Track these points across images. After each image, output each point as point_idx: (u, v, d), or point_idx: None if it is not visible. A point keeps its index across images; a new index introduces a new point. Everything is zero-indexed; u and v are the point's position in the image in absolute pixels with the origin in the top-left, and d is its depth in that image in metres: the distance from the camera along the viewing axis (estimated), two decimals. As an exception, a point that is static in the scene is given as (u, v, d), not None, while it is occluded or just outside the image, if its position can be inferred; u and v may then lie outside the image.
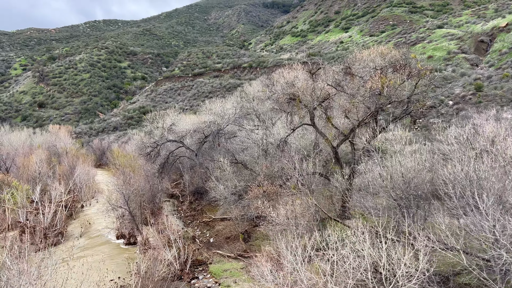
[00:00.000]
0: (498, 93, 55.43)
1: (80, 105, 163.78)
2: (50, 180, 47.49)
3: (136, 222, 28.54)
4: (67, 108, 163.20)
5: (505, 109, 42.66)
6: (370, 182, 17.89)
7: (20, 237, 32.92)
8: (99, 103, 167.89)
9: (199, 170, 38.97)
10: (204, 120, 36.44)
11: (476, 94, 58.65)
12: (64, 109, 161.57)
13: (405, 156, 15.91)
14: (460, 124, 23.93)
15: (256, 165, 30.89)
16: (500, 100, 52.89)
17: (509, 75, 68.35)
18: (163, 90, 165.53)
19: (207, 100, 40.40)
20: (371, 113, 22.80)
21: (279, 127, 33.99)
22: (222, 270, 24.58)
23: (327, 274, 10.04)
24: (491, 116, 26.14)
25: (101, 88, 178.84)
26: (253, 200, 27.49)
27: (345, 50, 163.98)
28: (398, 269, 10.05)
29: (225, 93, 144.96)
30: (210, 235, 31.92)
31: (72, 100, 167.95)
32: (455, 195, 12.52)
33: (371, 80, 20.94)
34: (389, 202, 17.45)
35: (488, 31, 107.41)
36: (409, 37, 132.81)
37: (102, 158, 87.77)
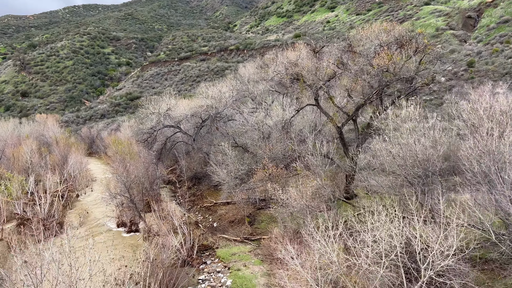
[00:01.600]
0: (490, 68, 55.70)
1: (65, 93, 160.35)
2: (42, 171, 46.48)
3: (138, 210, 28.08)
4: (52, 96, 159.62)
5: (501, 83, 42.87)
6: (381, 160, 17.70)
7: (18, 229, 32.24)
8: (85, 91, 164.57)
9: (198, 155, 38.47)
10: (200, 104, 35.74)
11: (468, 70, 58.87)
12: (48, 98, 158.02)
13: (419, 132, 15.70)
14: (455, 101, 23.83)
15: (257, 148, 30.52)
16: (493, 75, 53.19)
17: (498, 50, 68.71)
18: (149, 75, 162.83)
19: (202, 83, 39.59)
20: (377, 91, 22.51)
21: (278, 108, 33.55)
22: (230, 254, 24.42)
23: (362, 254, 9.84)
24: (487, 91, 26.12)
25: (85, 75, 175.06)
26: (258, 183, 27.26)
27: (332, 30, 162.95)
28: (431, 248, 9.90)
29: (213, 76, 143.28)
30: (213, 219, 31.67)
31: (56, 88, 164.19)
32: (480, 170, 12.40)
33: (378, 57, 20.56)
34: (400, 180, 17.31)
35: (475, 7, 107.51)
36: (396, 14, 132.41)
37: (92, 146, 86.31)
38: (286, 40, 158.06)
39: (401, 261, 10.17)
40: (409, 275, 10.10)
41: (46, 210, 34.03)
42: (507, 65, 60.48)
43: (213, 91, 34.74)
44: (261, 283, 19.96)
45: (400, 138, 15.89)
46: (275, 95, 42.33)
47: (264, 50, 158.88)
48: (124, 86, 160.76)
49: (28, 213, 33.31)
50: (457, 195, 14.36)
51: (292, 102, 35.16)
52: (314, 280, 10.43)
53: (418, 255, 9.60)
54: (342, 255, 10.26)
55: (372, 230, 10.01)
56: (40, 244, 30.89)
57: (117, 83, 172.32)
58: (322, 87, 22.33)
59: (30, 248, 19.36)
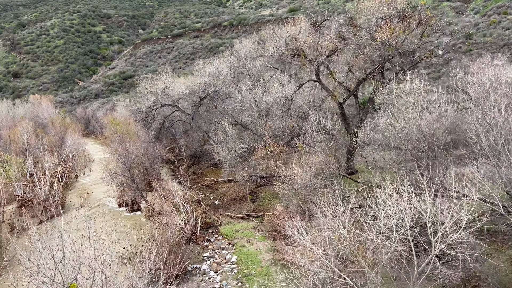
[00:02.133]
0: (488, 40, 55.25)
1: (57, 73, 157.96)
2: (40, 152, 46.20)
3: (139, 189, 28.10)
4: (44, 77, 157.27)
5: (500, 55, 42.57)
6: (385, 135, 17.66)
7: (19, 211, 32.24)
8: (77, 70, 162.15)
9: (196, 134, 38.29)
10: (198, 82, 35.31)
11: (466, 42, 58.39)
12: (40, 78, 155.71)
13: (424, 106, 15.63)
14: (459, 73, 23.63)
15: (257, 125, 30.37)
16: (491, 47, 52.80)
17: (496, 21, 68.02)
18: (142, 53, 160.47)
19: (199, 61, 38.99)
20: (379, 65, 22.27)
21: (277, 85, 33.22)
22: (233, 231, 24.62)
23: (374, 229, 9.88)
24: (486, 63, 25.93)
25: (77, 55, 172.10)
26: (259, 160, 27.25)
27: (327, 3, 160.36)
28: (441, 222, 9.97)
29: (207, 53, 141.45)
30: (214, 197, 31.81)
31: (48, 68, 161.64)
32: (488, 143, 12.39)
33: (380, 30, 20.23)
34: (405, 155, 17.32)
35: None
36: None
37: (87, 126, 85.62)
38: (281, 15, 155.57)
39: (411, 235, 10.24)
40: (420, 249, 10.21)
41: (47, 191, 33.99)
42: (505, 36, 59.97)
43: (210, 68, 34.25)
44: (266, 258, 20.20)
45: (406, 112, 15.81)
46: (272, 71, 41.92)
47: (259, 26, 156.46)
48: (117, 65, 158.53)
49: (28, 195, 33.27)
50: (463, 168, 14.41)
51: (291, 78, 34.84)
52: (325, 256, 10.51)
53: (429, 228, 9.67)
54: (354, 231, 10.32)
55: (384, 204, 10.02)
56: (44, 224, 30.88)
57: (110, 62, 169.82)
58: (323, 62, 22.04)
59: (46, 230, 19.39)
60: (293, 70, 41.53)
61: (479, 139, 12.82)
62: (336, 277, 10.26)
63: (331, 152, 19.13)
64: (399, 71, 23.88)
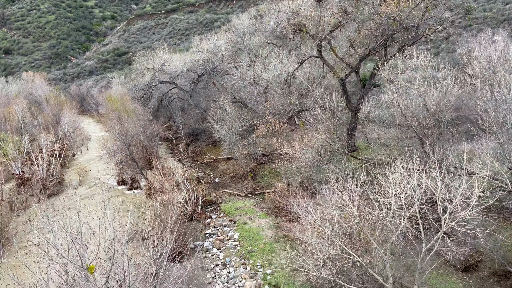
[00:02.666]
0: (488, 15, 54.52)
1: (49, 50, 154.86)
2: (35, 130, 45.71)
3: (139, 167, 27.95)
4: (36, 53, 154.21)
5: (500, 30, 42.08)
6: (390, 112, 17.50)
7: (17, 190, 32.08)
8: (70, 47, 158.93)
9: (195, 111, 37.91)
10: (196, 58, 34.66)
11: (466, 17, 57.60)
12: (32, 55, 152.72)
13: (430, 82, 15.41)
14: (452, 49, 23.21)
15: (256, 103, 30.05)
16: (491, 22, 52.16)
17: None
18: (136, 29, 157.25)
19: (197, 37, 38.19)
20: (382, 41, 21.88)
21: (276, 61, 32.70)
22: (235, 208, 24.67)
23: (384, 207, 9.83)
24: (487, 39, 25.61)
25: (69, 31, 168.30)
26: (260, 138, 27.09)
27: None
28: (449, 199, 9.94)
29: (202, 29, 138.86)
30: (214, 175, 31.76)
31: (40, 44, 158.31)
32: (496, 120, 12.26)
33: (385, 4, 19.76)
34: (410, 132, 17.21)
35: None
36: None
37: (82, 104, 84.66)
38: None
39: (421, 212, 10.23)
40: (430, 226, 10.22)
41: (45, 169, 33.77)
42: (505, 11, 59.20)
43: (208, 44, 33.57)
44: (268, 235, 20.29)
45: (412, 88, 15.59)
46: (270, 47, 41.23)
47: (255, 0, 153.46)
48: (110, 41, 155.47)
49: (26, 173, 33.06)
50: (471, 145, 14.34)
51: (290, 55, 34.27)
52: (333, 234, 10.48)
53: (439, 206, 9.64)
54: (365, 208, 10.27)
55: (394, 182, 9.94)
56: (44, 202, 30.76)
57: (103, 38, 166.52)
58: (326, 38, 21.60)
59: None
60: (292, 46, 40.87)
61: (488, 116, 12.70)
62: (346, 255, 10.27)
63: (335, 129, 18.98)
64: (401, 47, 23.55)
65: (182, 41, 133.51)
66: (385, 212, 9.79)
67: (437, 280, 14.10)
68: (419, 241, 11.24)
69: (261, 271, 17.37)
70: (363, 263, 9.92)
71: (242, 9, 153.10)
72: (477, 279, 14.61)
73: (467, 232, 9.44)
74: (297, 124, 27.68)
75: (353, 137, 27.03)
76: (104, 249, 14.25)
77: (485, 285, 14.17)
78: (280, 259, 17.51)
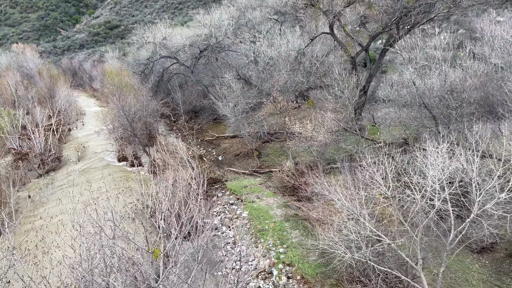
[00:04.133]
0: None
1: (37, 21, 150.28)
2: (30, 104, 44.58)
3: (142, 144, 27.43)
4: (24, 25, 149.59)
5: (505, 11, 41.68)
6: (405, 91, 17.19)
7: (15, 164, 31.39)
8: (59, 19, 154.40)
9: (196, 88, 37.16)
10: (198, 33, 33.71)
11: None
12: (20, 26, 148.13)
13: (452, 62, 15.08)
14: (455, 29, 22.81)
15: (261, 80, 29.45)
16: (493, 2, 51.59)
17: (498, -23, 66.06)
18: (127, 2, 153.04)
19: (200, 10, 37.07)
20: (397, 18, 21.36)
21: (278, 38, 31.93)
22: (241, 186, 24.42)
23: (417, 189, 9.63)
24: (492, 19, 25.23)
25: (58, 2, 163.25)
26: (265, 116, 26.68)
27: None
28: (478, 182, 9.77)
29: (196, 3, 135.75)
30: (217, 153, 31.37)
31: (28, 15, 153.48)
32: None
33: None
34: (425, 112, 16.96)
35: None
36: None
37: (74, 78, 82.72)
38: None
39: (451, 194, 10.05)
40: (462, 209, 10.10)
41: (42, 144, 33.04)
42: (506, -7, 58.56)
43: (211, 18, 32.59)
44: (278, 214, 20.16)
45: (434, 68, 15.25)
46: (272, 23, 40.30)
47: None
48: (101, 13, 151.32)
49: (24, 148, 32.33)
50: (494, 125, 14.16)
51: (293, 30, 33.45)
52: (362, 216, 10.29)
53: (474, 188, 9.47)
54: (399, 189, 10.08)
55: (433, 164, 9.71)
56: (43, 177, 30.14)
57: (94, 11, 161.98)
58: (340, 13, 21.00)
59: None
60: (293, 22, 39.99)
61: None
62: (376, 237, 10.10)
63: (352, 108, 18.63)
64: (414, 25, 23.06)
65: (176, 15, 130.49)
66: (421, 195, 9.59)
67: (453, 261, 14.13)
68: (445, 223, 11.11)
69: (274, 250, 17.29)
70: (395, 246, 9.77)
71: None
72: (493, 260, 14.68)
73: (503, 215, 9.32)
74: (305, 102, 27.28)
75: (359, 117, 26.76)
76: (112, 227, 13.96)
77: (501, 266, 14.25)
78: (293, 238, 17.44)
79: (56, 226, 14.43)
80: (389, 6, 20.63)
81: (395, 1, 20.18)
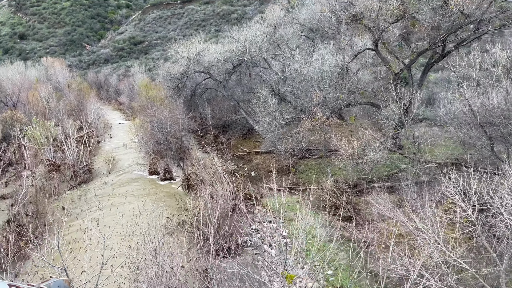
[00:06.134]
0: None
1: (64, 36, 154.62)
2: (60, 116, 45.16)
3: (177, 157, 27.23)
4: (51, 39, 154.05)
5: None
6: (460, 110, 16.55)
7: (49, 175, 31.47)
8: (84, 34, 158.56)
9: (227, 103, 37.06)
10: (231, 48, 33.76)
11: (500, 17, 55.84)
12: (47, 41, 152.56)
13: None
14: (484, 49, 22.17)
15: (296, 96, 29.14)
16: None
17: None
18: (151, 18, 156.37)
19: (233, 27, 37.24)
20: (446, 35, 20.85)
21: (315, 55, 31.68)
22: (278, 204, 23.79)
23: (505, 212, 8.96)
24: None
25: (84, 18, 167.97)
26: (304, 132, 26.25)
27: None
28: None
29: (219, 20, 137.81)
30: (249, 169, 30.94)
31: (55, 31, 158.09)
32: None
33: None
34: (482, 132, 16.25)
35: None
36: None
37: (99, 92, 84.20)
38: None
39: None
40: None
41: (75, 156, 33.21)
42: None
43: (247, 33, 32.60)
44: (321, 233, 19.46)
45: (492, 85, 14.65)
46: (301, 40, 40.23)
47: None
48: (125, 30, 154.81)
49: (57, 159, 32.51)
50: None
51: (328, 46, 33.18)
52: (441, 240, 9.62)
53: None
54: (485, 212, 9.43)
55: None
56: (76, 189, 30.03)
57: (118, 27, 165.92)
58: (387, 29, 20.62)
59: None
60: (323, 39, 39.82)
61: None
62: (456, 264, 9.40)
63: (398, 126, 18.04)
64: (460, 43, 22.52)
65: (198, 32, 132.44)
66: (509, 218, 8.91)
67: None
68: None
69: (321, 272, 16.57)
70: (478, 277, 9.06)
71: (259, 2, 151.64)
72: None
73: None
74: (346, 119, 26.78)
75: (399, 135, 26.08)
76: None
77: None
78: (341, 259, 16.73)
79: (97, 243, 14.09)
80: (439, 22, 20.17)
81: (446, 18, 19.70)
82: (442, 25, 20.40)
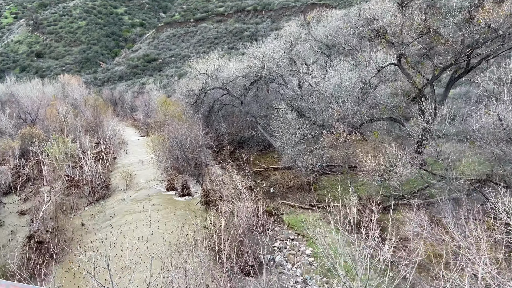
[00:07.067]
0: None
1: (79, 54, 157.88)
2: (78, 132, 45.55)
3: (196, 173, 27.04)
4: (67, 57, 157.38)
5: None
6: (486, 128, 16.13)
7: (67, 191, 31.49)
8: (99, 52, 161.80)
9: (244, 119, 37.00)
10: (250, 65, 33.85)
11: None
12: (63, 59, 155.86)
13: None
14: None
15: (315, 112, 28.93)
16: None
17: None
18: (165, 36, 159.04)
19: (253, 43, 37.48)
20: (470, 51, 20.55)
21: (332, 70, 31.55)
22: (299, 221, 23.39)
23: None
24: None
25: (99, 36, 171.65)
26: (325, 148, 25.91)
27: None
28: None
29: (232, 38, 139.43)
30: (267, 185, 30.60)
31: (71, 49, 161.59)
32: None
33: (483, 10, 18.49)
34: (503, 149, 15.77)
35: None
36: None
37: (114, 108, 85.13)
38: (307, 0, 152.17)
39: None
40: None
41: (93, 172, 33.26)
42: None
43: (265, 49, 32.70)
44: (346, 252, 18.95)
45: None
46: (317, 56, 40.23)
47: (283, 11, 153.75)
48: (139, 47, 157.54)
49: (76, 175, 32.56)
50: None
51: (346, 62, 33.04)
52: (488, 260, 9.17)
53: None
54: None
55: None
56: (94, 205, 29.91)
57: (132, 45, 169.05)
58: (412, 44, 20.41)
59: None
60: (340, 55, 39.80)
61: None
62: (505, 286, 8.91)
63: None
64: (485, 57, 22.17)
65: (212, 50, 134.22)
66: None
67: None
68: None
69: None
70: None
71: (271, 20, 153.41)
72: None
73: None
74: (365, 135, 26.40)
75: (421, 152, 25.58)
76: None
77: None
78: (370, 279, 16.16)
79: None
80: (464, 37, 19.91)
81: (471, 32, 19.44)
82: (467, 39, 20.13)
